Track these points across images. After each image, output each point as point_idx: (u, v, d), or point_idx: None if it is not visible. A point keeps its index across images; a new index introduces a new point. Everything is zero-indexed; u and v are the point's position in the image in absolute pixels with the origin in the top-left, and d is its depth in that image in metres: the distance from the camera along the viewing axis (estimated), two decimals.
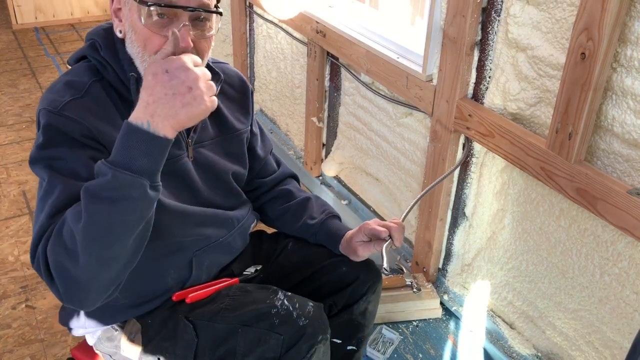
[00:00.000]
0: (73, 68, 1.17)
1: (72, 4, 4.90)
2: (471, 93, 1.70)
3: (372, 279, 1.40)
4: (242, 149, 1.38)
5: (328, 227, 1.41)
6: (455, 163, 1.81)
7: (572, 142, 1.37)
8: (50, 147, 1.05)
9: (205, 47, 1.12)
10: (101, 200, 0.91)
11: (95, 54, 1.15)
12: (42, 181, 1.06)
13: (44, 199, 1.04)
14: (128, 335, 1.26)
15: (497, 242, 1.80)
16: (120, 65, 1.13)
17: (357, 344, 1.43)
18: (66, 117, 1.05)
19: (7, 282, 2.14)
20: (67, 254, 0.95)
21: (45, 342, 1.89)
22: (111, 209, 0.92)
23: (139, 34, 1.08)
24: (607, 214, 1.33)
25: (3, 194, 2.67)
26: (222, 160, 1.32)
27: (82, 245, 0.93)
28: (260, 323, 1.16)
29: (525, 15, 1.47)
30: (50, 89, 1.13)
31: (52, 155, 1.05)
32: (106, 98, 1.12)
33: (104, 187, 0.91)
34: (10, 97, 3.63)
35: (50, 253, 0.97)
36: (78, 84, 1.11)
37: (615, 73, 1.30)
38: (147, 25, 1.06)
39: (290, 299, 1.20)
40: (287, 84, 2.80)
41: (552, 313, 1.67)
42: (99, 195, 0.92)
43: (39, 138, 1.07)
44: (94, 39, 1.16)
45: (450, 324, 1.95)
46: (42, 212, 1.03)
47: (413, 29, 2.07)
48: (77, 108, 1.07)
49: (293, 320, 1.16)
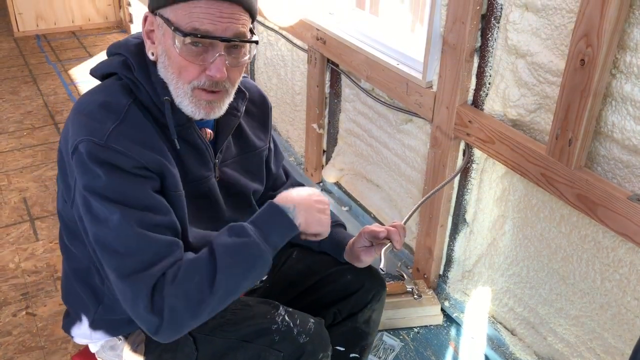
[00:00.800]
0: (105, 86, 1.12)
1: (73, 11, 4.92)
2: (471, 99, 1.70)
3: (376, 288, 1.40)
4: (261, 167, 1.37)
5: (333, 236, 1.41)
6: (456, 169, 1.81)
7: (572, 148, 1.37)
8: (111, 183, 1.02)
9: (238, 74, 1.12)
10: (236, 260, 1.05)
11: (129, 73, 1.11)
12: (109, 216, 1.02)
13: (123, 237, 1.02)
14: (131, 345, 1.26)
15: (497, 248, 1.80)
16: (153, 87, 1.10)
17: (360, 352, 1.43)
18: (114, 149, 1.02)
19: (8, 289, 2.14)
20: (187, 302, 1.02)
21: (45, 350, 1.88)
22: (242, 269, 1.06)
23: (173, 61, 1.06)
24: (608, 220, 1.33)
25: (4, 201, 2.67)
26: (244, 179, 1.31)
27: (206, 299, 1.03)
28: (260, 339, 1.16)
29: (524, 21, 1.47)
30: (84, 110, 1.07)
31: (116, 189, 1.02)
32: (145, 122, 1.09)
33: (240, 248, 1.06)
34: (11, 104, 3.64)
35: (168, 296, 1.01)
36: (116, 106, 1.07)
37: (615, 79, 1.30)
38: (182, 53, 1.05)
39: (291, 315, 1.20)
40: (287, 91, 2.80)
41: (553, 319, 1.66)
42: (234, 254, 1.05)
43: (92, 173, 1.02)
44: (125, 56, 1.12)
45: (451, 330, 1.95)
46: (132, 256, 1.02)
47: (413, 35, 2.08)
48: (121, 138, 1.03)
49: (293, 337, 1.16)
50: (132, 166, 1.03)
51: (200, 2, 1.02)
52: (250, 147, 1.32)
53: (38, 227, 2.49)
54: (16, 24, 4.75)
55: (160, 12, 1.06)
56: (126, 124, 1.05)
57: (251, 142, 1.32)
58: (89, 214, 1.04)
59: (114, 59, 1.14)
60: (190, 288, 1.02)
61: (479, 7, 1.55)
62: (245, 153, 1.31)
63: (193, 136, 1.16)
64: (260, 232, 1.08)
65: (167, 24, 1.04)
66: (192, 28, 1.02)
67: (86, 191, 1.02)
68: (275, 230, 1.10)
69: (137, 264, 1.02)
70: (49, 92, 3.82)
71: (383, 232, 1.30)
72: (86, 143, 1.02)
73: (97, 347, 1.31)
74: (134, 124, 1.07)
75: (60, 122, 3.43)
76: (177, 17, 1.03)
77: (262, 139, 1.36)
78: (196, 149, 1.17)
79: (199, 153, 1.18)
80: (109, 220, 1.02)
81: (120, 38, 1.46)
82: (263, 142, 1.36)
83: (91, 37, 4.83)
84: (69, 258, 1.26)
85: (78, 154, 1.03)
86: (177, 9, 1.04)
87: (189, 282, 1.02)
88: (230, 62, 1.08)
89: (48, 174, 2.90)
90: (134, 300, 1.01)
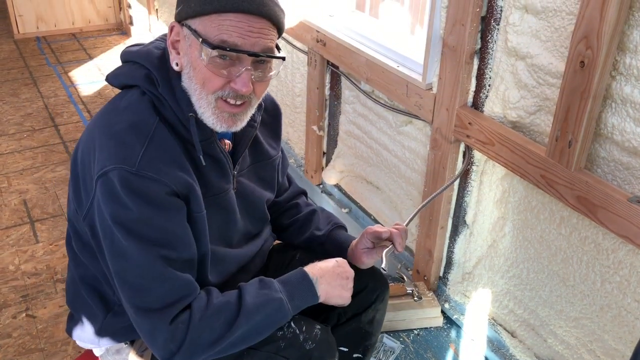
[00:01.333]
0: (131, 102, 1.10)
1: (74, 13, 4.93)
2: (471, 101, 1.71)
3: (380, 288, 1.41)
4: (273, 175, 1.38)
5: (335, 238, 1.42)
6: (456, 172, 1.82)
7: (572, 150, 1.37)
8: (141, 215, 1.02)
9: (263, 88, 1.12)
10: (260, 310, 1.11)
11: (152, 88, 1.09)
12: (132, 251, 1.02)
13: (144, 273, 1.04)
14: (137, 349, 1.26)
15: (497, 250, 1.80)
16: (178, 104, 1.09)
17: (363, 352, 1.44)
18: (146, 177, 1.01)
19: (8, 291, 2.13)
20: (209, 338, 1.07)
21: (45, 352, 1.88)
22: (264, 319, 1.12)
23: (198, 72, 1.06)
24: (608, 222, 1.33)
25: (4, 203, 2.67)
26: (258, 188, 1.32)
27: (225, 339, 1.08)
28: (266, 346, 1.16)
29: (524, 24, 1.47)
30: (112, 130, 1.05)
31: (144, 223, 1.02)
32: (172, 141, 1.08)
33: (268, 301, 1.12)
34: (11, 106, 3.65)
35: (193, 330, 1.06)
36: (144, 126, 1.06)
37: (615, 81, 1.30)
38: (209, 65, 1.04)
39: (297, 321, 1.20)
40: (287, 93, 2.81)
41: (554, 321, 1.66)
42: (261, 305, 1.11)
43: (121, 203, 1.01)
44: (148, 69, 1.10)
45: (452, 332, 1.95)
46: (152, 293, 1.05)
47: (413, 37, 2.08)
48: (152, 161, 1.03)
49: (299, 344, 1.17)
50: (164, 193, 1.03)
51: (230, 15, 1.01)
52: (264, 156, 1.32)
53: (38, 229, 2.49)
54: (16, 26, 4.76)
55: (188, 22, 1.05)
56: (154, 145, 1.05)
57: (265, 151, 1.32)
58: (111, 246, 1.05)
59: (135, 70, 1.12)
60: (215, 326, 1.07)
61: (478, 9, 1.56)
62: (259, 162, 1.31)
63: (215, 150, 1.15)
64: (287, 293, 1.14)
65: (195, 35, 1.03)
66: (220, 40, 1.01)
67: (113, 222, 1.02)
68: (300, 296, 1.16)
69: (156, 301, 1.05)
70: (49, 94, 3.82)
71: (386, 233, 1.31)
72: (118, 172, 1.01)
73: (102, 350, 1.31)
74: (162, 143, 1.06)
75: (60, 124, 3.43)
76: (206, 28, 1.02)
77: (275, 148, 1.36)
78: (217, 161, 1.17)
79: (220, 166, 1.17)
80: (131, 255, 1.03)
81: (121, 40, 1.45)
82: (275, 150, 1.36)
83: (91, 39, 4.83)
84: (77, 265, 1.25)
85: (108, 181, 1.01)
86: (206, 21, 1.02)
87: (215, 321, 1.07)
88: (256, 77, 1.07)
89: (48, 176, 2.90)
90: (152, 335, 1.05)
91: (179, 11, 1.07)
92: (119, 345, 1.28)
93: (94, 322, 1.25)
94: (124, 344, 1.28)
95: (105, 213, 1.03)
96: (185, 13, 1.05)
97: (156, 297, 1.05)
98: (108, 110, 1.12)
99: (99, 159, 1.03)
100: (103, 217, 1.04)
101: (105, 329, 1.24)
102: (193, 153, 1.12)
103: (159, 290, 1.05)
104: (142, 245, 1.03)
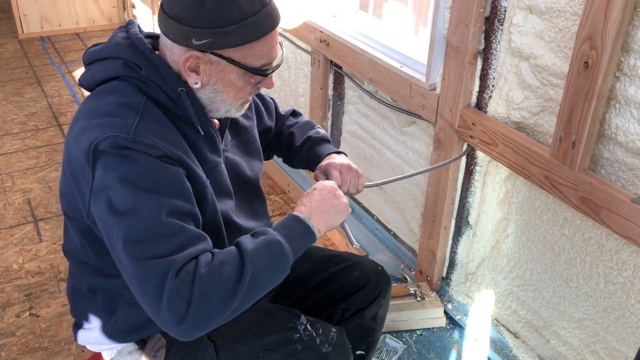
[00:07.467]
0: (112, 87, 1.11)
1: (78, 13, 4.94)
2: (474, 102, 1.70)
3: (383, 283, 1.43)
4: (256, 144, 1.40)
5: (310, 157, 1.46)
6: (459, 172, 1.81)
7: (576, 151, 1.37)
8: (146, 166, 1.02)
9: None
10: (262, 255, 1.06)
11: (134, 73, 1.10)
12: (138, 205, 1.01)
13: (152, 225, 1.00)
14: (150, 350, 1.25)
15: (501, 250, 1.79)
16: (165, 81, 1.10)
17: (366, 348, 1.45)
18: (142, 143, 1.02)
19: (12, 290, 2.14)
20: (219, 291, 0.99)
21: (49, 350, 1.89)
22: (268, 263, 1.06)
23: (232, 88, 1.13)
24: (612, 223, 1.33)
25: (8, 202, 2.68)
26: (245, 160, 1.34)
27: (235, 291, 1.00)
28: (282, 348, 1.17)
29: (528, 24, 1.47)
30: (100, 112, 1.06)
31: (150, 174, 1.02)
32: (161, 115, 1.10)
33: (267, 245, 1.07)
34: (15, 105, 3.66)
35: (200, 281, 0.97)
36: (133, 103, 1.07)
37: (619, 82, 1.30)
38: (247, 82, 1.13)
39: (313, 324, 1.21)
40: (290, 93, 2.81)
41: (557, 322, 1.66)
42: (262, 250, 1.06)
43: (125, 160, 1.01)
44: (123, 58, 1.11)
45: (454, 333, 1.95)
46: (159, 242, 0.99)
47: (416, 38, 2.08)
48: (146, 132, 1.04)
49: (316, 347, 1.18)
50: (164, 155, 1.04)
51: (264, 39, 1.08)
52: (241, 129, 1.35)
53: (42, 228, 2.50)
54: (21, 26, 4.77)
55: (220, 52, 1.07)
56: (146, 119, 1.06)
57: (241, 124, 1.35)
58: (111, 210, 1.01)
59: (108, 64, 1.13)
60: (223, 276, 1.00)
61: (482, 10, 1.55)
62: (237, 135, 1.34)
63: (207, 124, 1.18)
64: (284, 237, 1.10)
65: (231, 62, 1.08)
66: (262, 65, 1.10)
67: (118, 180, 1.00)
68: (297, 237, 1.12)
69: (163, 249, 0.99)
70: (53, 93, 3.83)
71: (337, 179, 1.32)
72: (113, 139, 1.01)
73: (114, 353, 1.29)
74: (153, 119, 1.08)
75: (64, 123, 3.44)
76: (245, 56, 1.08)
77: (250, 117, 1.39)
78: (209, 137, 1.19)
79: (212, 140, 1.20)
80: (140, 209, 1.00)
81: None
82: (250, 120, 1.39)
83: (95, 39, 4.84)
84: (83, 270, 1.23)
85: (105, 148, 1.01)
86: (246, 49, 1.07)
87: (223, 272, 1.00)
88: None
89: (52, 175, 2.91)
90: (160, 284, 0.96)
91: (205, 43, 1.05)
92: (131, 347, 1.27)
93: (103, 324, 1.24)
94: (136, 345, 1.26)
95: (108, 179, 1.01)
96: (215, 44, 1.06)
97: (162, 245, 1.00)
98: (91, 102, 1.11)
99: (89, 138, 1.03)
100: (106, 185, 1.01)
101: (116, 330, 1.23)
102: (184, 129, 1.13)
103: (166, 238, 1.00)
104: (150, 195, 1.01)
